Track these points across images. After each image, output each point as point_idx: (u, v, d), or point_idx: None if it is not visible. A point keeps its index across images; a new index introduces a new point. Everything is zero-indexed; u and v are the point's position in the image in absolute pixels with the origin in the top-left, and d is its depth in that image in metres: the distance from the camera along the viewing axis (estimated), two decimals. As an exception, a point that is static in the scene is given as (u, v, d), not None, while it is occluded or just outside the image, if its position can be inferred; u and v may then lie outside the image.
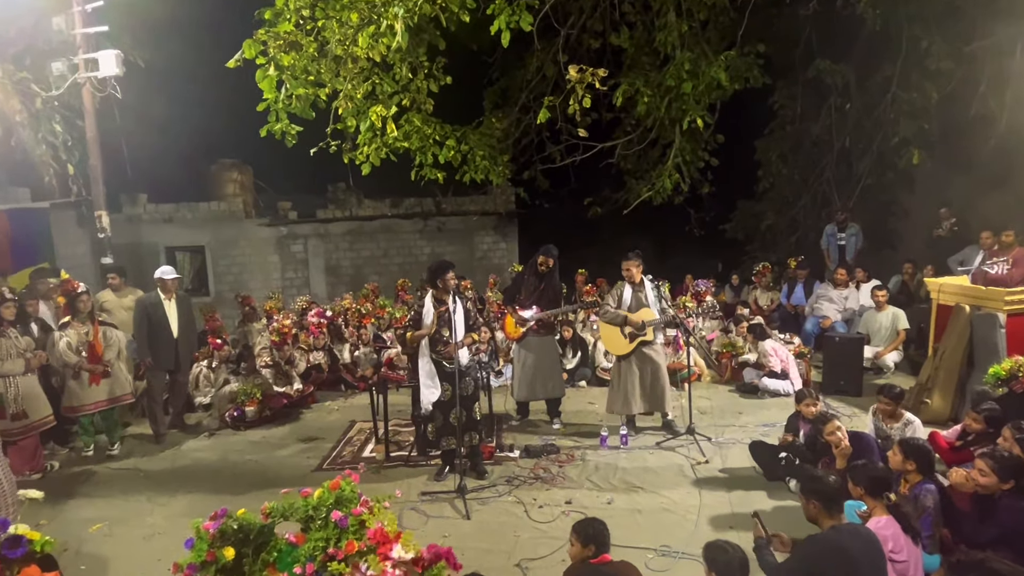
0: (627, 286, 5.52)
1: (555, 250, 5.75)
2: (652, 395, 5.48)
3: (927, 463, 3.46)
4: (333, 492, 2.25)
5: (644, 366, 5.48)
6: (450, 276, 4.64)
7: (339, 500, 2.24)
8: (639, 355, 5.48)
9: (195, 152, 12.45)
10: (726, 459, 5.02)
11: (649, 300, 5.45)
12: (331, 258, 12.86)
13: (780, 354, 6.76)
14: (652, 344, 5.47)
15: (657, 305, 5.42)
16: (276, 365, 7.08)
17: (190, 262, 12.28)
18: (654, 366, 5.47)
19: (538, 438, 5.62)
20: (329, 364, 7.85)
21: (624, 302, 5.52)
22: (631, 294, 5.50)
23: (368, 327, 8.17)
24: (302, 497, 2.27)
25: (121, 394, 5.75)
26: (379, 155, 7.06)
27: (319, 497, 2.24)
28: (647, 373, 5.48)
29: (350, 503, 2.25)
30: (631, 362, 5.50)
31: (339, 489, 2.27)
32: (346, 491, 2.27)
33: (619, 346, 5.55)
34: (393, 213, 13.16)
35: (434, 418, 4.75)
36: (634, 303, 5.49)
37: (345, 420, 6.48)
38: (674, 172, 9.20)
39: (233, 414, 6.29)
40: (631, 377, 5.49)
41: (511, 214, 13.60)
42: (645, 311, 5.43)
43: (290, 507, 2.24)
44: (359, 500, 2.27)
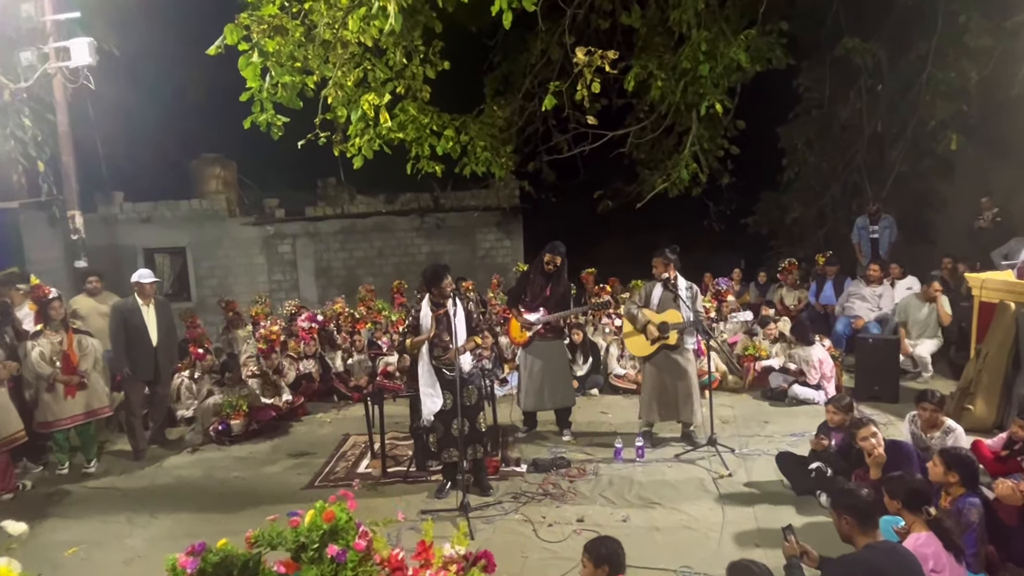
0: (658, 284, 5.52)
1: (563, 247, 5.76)
2: (675, 403, 5.48)
3: (971, 474, 3.44)
4: (327, 523, 2.21)
5: (665, 371, 5.48)
6: (447, 283, 4.65)
7: (334, 531, 2.20)
8: (662, 359, 5.49)
9: (174, 147, 12.52)
10: (751, 472, 5.00)
11: (680, 302, 5.44)
12: (321, 259, 12.91)
13: (825, 367, 6.60)
14: (677, 349, 5.46)
15: (688, 308, 5.41)
16: (263, 375, 7.10)
17: (170, 265, 12.34)
18: (677, 372, 5.46)
19: (547, 451, 5.62)
20: (320, 373, 7.87)
21: (652, 301, 5.53)
22: (660, 293, 5.50)
23: (362, 332, 8.18)
24: (291, 527, 2.23)
25: (99, 407, 5.79)
26: (372, 147, 7.07)
27: (310, 523, 2.22)
28: (669, 380, 5.47)
29: (347, 534, 2.22)
30: (654, 366, 5.53)
31: (334, 519, 2.23)
32: (342, 520, 2.23)
33: (640, 348, 5.57)
34: (388, 210, 13.19)
35: (435, 430, 4.75)
36: (663, 303, 5.49)
37: (338, 433, 6.50)
38: (691, 162, 9.18)
39: (218, 428, 6.31)
40: (652, 382, 5.50)
41: (515, 209, 13.60)
42: (671, 313, 5.43)
43: (278, 535, 2.21)
44: (357, 531, 2.24)
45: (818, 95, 10.87)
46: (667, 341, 5.43)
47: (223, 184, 12.70)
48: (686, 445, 5.54)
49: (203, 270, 12.29)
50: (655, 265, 5.49)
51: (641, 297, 5.62)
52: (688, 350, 5.52)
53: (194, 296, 12.21)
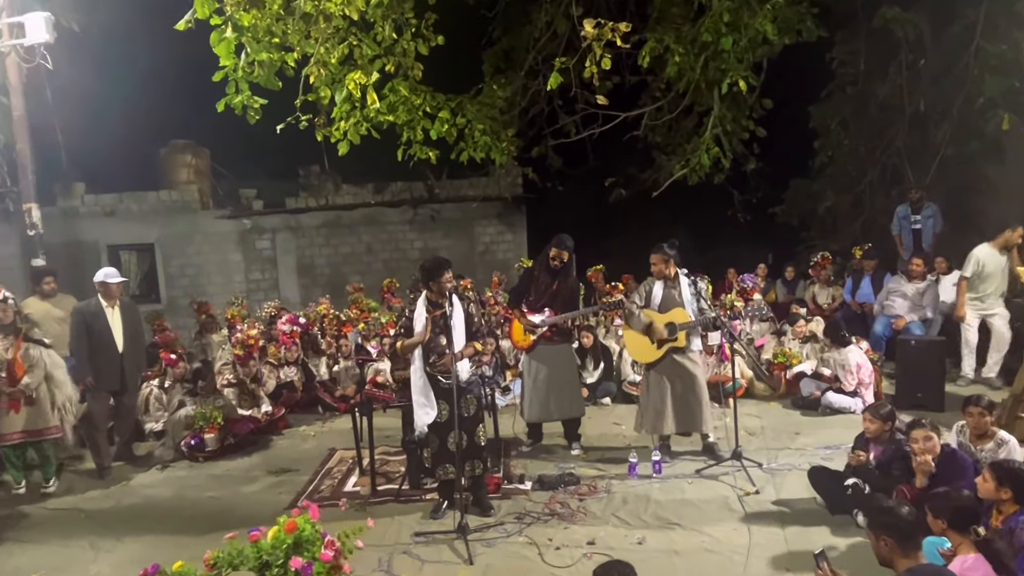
0: (657, 282, 5.52)
1: (571, 241, 5.76)
2: (686, 412, 5.47)
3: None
4: (290, 534, 2.22)
5: (675, 377, 5.48)
6: (446, 277, 4.64)
7: (298, 543, 2.21)
8: (669, 364, 5.48)
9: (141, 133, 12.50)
10: (780, 488, 5.00)
11: (684, 299, 5.44)
12: (304, 255, 12.93)
13: (864, 372, 6.59)
14: (686, 352, 5.46)
15: (694, 305, 5.40)
16: (240, 384, 7.11)
17: (137, 263, 12.37)
18: (688, 378, 5.46)
19: (554, 466, 5.62)
20: (303, 382, 7.89)
21: (653, 300, 5.52)
22: (662, 291, 5.50)
23: (349, 336, 8.20)
24: (252, 542, 2.24)
25: (43, 427, 5.69)
26: (359, 131, 7.08)
27: (273, 540, 2.22)
28: (679, 386, 5.47)
29: (312, 546, 2.23)
30: (661, 372, 5.50)
31: (297, 530, 2.24)
32: (306, 531, 2.24)
33: (645, 352, 5.55)
34: (377, 201, 13.21)
35: (429, 444, 4.75)
36: (665, 302, 5.49)
37: (323, 448, 6.51)
38: (713, 145, 9.16)
39: (190, 443, 6.33)
40: (661, 390, 5.49)
41: (518, 199, 13.61)
42: (677, 312, 5.43)
43: (239, 554, 2.22)
44: (323, 541, 2.25)
45: (853, 71, 10.83)
46: (675, 343, 5.42)
47: (195, 174, 12.73)
48: (708, 459, 5.53)
49: (173, 268, 12.32)
50: (654, 262, 5.50)
51: (641, 297, 5.61)
52: (695, 351, 5.53)
53: (164, 297, 12.24)
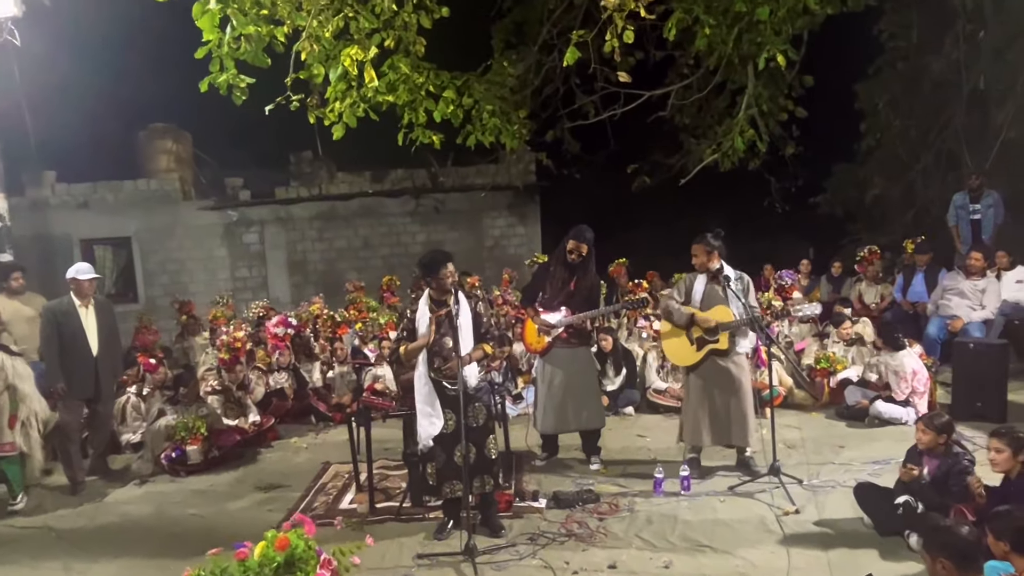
0: (700, 277, 5.51)
1: (590, 233, 5.74)
2: (727, 423, 5.46)
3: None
4: (281, 551, 2.22)
5: (714, 383, 5.46)
6: (447, 272, 4.64)
7: (290, 562, 2.22)
8: (709, 368, 5.46)
9: (117, 116, 12.61)
10: (823, 508, 4.97)
11: (728, 297, 5.42)
12: (295, 250, 13.00)
13: (919, 379, 6.53)
14: (728, 355, 5.44)
15: (738, 303, 5.38)
16: (226, 391, 7.15)
17: (112, 258, 12.48)
18: (729, 383, 5.43)
19: (571, 482, 5.61)
20: (295, 389, 7.92)
21: (694, 297, 5.51)
22: (704, 287, 5.49)
23: (345, 339, 8.22)
24: (238, 560, 2.24)
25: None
26: (355, 113, 7.10)
27: (261, 555, 2.22)
28: (718, 393, 5.46)
29: (306, 565, 2.23)
30: (700, 376, 5.50)
31: (289, 547, 2.24)
32: (299, 548, 2.25)
33: (683, 354, 5.55)
34: (375, 190, 13.25)
35: (434, 457, 4.76)
36: (708, 299, 5.47)
37: (316, 461, 6.53)
38: (747, 127, 9.13)
39: (171, 455, 6.37)
40: (699, 397, 5.49)
41: (531, 188, 13.62)
42: (720, 309, 5.41)
43: (222, 573, 2.22)
44: (318, 560, 2.25)
45: (904, 44, 10.77)
46: (716, 345, 5.40)
47: (176, 161, 12.82)
48: (742, 475, 5.51)
49: (152, 265, 12.42)
50: (695, 253, 5.48)
51: (681, 292, 5.60)
52: (741, 355, 5.49)
53: (142, 296, 12.35)
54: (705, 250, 5.43)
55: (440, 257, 4.70)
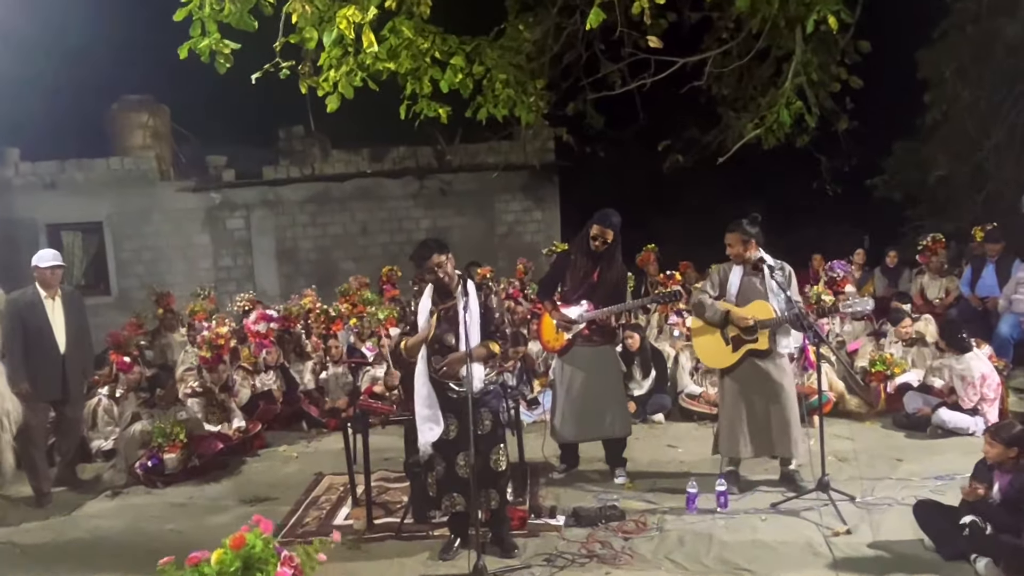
0: (735, 267, 5.48)
1: (616, 217, 5.72)
2: (769, 432, 5.44)
3: None
4: (237, 552, 2.24)
5: (753, 387, 5.44)
6: (434, 263, 4.63)
7: (248, 564, 2.23)
8: (748, 370, 5.44)
9: (87, 87, 12.71)
10: (878, 528, 4.94)
11: (767, 289, 5.40)
12: (285, 237, 13.05)
13: (988, 385, 6.47)
14: (769, 356, 5.41)
15: (780, 297, 5.36)
16: (207, 393, 7.19)
17: (82, 246, 12.57)
18: (771, 388, 5.41)
19: (592, 497, 5.62)
20: (284, 391, 7.96)
21: (729, 290, 5.48)
22: (740, 279, 5.46)
23: (340, 336, 8.25)
24: (189, 566, 2.26)
25: None
26: (352, 82, 7.08)
27: (218, 561, 2.24)
28: (758, 398, 5.43)
29: (266, 565, 2.25)
30: (737, 380, 5.48)
31: (246, 546, 2.26)
32: (257, 548, 2.27)
33: (717, 355, 5.53)
34: (375, 170, 13.28)
35: (434, 467, 4.77)
36: (744, 292, 5.45)
37: (308, 472, 6.56)
38: (794, 99, 9.04)
39: (146, 464, 6.42)
40: (737, 403, 5.47)
41: (549, 168, 13.59)
42: (759, 305, 5.37)
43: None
44: (278, 559, 2.27)
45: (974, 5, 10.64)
46: (755, 345, 5.37)
47: (152, 137, 12.89)
48: (786, 491, 5.49)
49: (126, 253, 12.50)
50: (730, 242, 5.44)
51: (714, 285, 5.56)
52: (783, 356, 5.47)
53: (114, 287, 12.43)
54: (741, 238, 5.40)
55: (430, 247, 4.69)
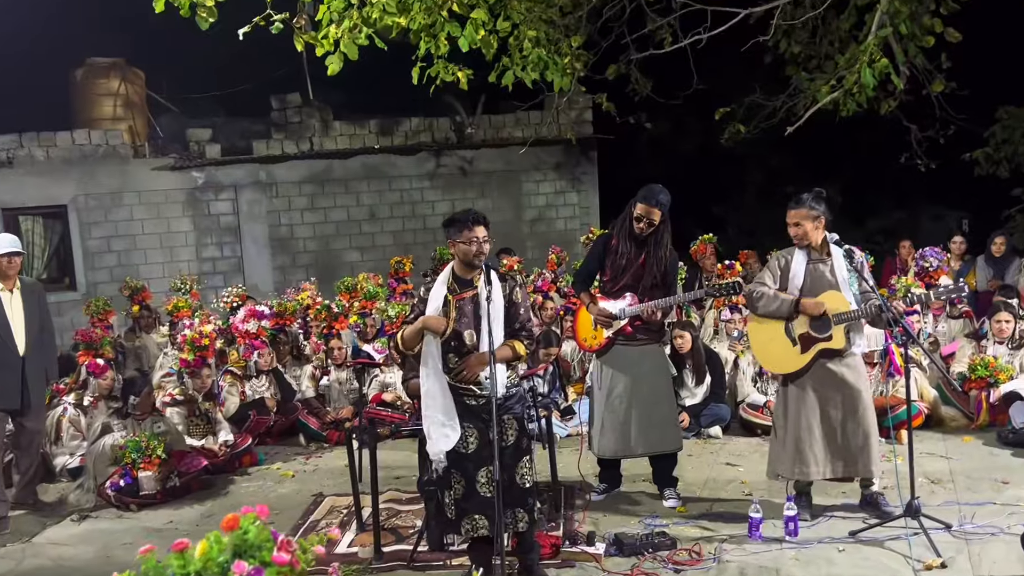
0: (798, 253, 5.44)
1: (664, 195, 5.70)
2: (845, 448, 5.40)
3: None
4: (228, 535, 2.28)
5: (827, 395, 5.40)
6: (474, 236, 4.64)
7: (241, 550, 2.26)
8: (819, 375, 5.40)
9: (49, 49, 12.83)
10: (979, 561, 4.90)
11: (839, 279, 5.36)
12: (279, 223, 13.13)
13: None
14: (844, 356, 5.38)
15: (854, 288, 5.32)
16: (189, 402, 7.26)
17: (44, 233, 12.68)
18: (848, 395, 5.38)
19: (637, 522, 5.63)
20: (279, 400, 8.02)
21: (792, 280, 5.44)
22: (805, 266, 5.42)
23: (344, 336, 8.30)
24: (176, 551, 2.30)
25: None
26: (356, 41, 7.12)
27: (205, 551, 2.27)
28: (832, 407, 5.40)
29: (260, 551, 2.28)
30: (805, 387, 5.43)
31: (239, 531, 2.29)
32: (250, 533, 2.29)
33: (782, 358, 5.48)
34: (384, 145, 13.32)
35: (451, 483, 4.77)
36: (811, 282, 5.41)
37: (306, 493, 6.63)
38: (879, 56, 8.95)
39: (118, 484, 6.49)
40: (807, 414, 5.42)
41: (586, 142, 13.58)
42: (832, 296, 5.33)
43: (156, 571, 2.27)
44: (275, 543, 2.30)
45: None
46: (829, 344, 5.33)
47: (124, 106, 13.01)
48: (868, 517, 5.47)
49: (95, 242, 12.61)
50: (794, 221, 5.37)
51: (774, 275, 5.51)
52: (857, 356, 5.43)
53: (81, 281, 12.55)
54: (809, 214, 5.35)
55: (472, 216, 4.70)
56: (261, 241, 13.05)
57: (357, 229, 13.33)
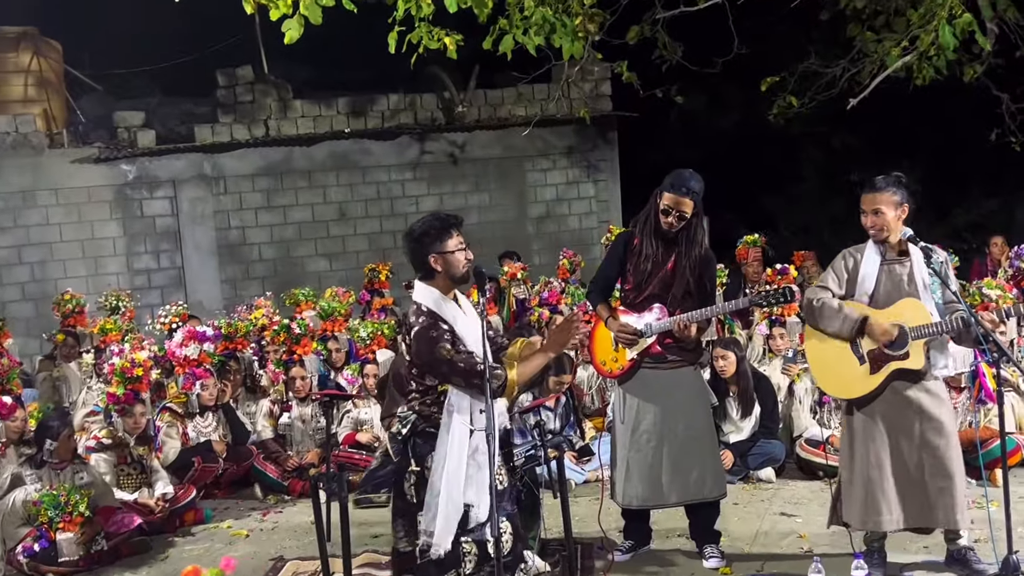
0: (870, 251, 5.43)
1: (697, 181, 5.65)
2: (922, 491, 5.38)
3: None
4: None
5: (903, 426, 5.38)
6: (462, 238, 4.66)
7: None
8: (893, 401, 5.37)
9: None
10: (1092, 631, 4.89)
11: (919, 284, 5.35)
12: (228, 225, 13.11)
13: None
14: (923, 380, 5.37)
15: (936, 295, 5.31)
16: (119, 446, 7.23)
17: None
18: (927, 426, 5.35)
19: (672, 589, 5.61)
20: (229, 443, 7.99)
21: (860, 285, 5.42)
22: (877, 267, 5.40)
23: (308, 362, 8.29)
24: None
25: None
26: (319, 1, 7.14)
27: None
28: (910, 441, 5.38)
29: None
30: (875, 416, 5.41)
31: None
32: None
33: (846, 380, 5.46)
34: (355, 129, 13.33)
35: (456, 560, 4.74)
36: (885, 288, 5.40)
37: (263, 557, 6.62)
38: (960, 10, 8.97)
39: (32, 549, 6.46)
40: (874, 449, 5.41)
41: (604, 121, 13.61)
42: (909, 305, 5.31)
43: None
44: None
45: None
46: (905, 363, 5.31)
47: (36, 86, 13.01)
48: (955, 573, 5.45)
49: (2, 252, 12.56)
50: (875, 206, 5.30)
51: (839, 278, 5.48)
52: (938, 381, 5.40)
53: (-12, 300, 12.56)
54: (892, 200, 5.33)
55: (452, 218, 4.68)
56: (206, 248, 13.05)
57: (324, 232, 13.34)
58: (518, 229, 13.34)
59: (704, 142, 13.05)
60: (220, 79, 13.16)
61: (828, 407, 7.42)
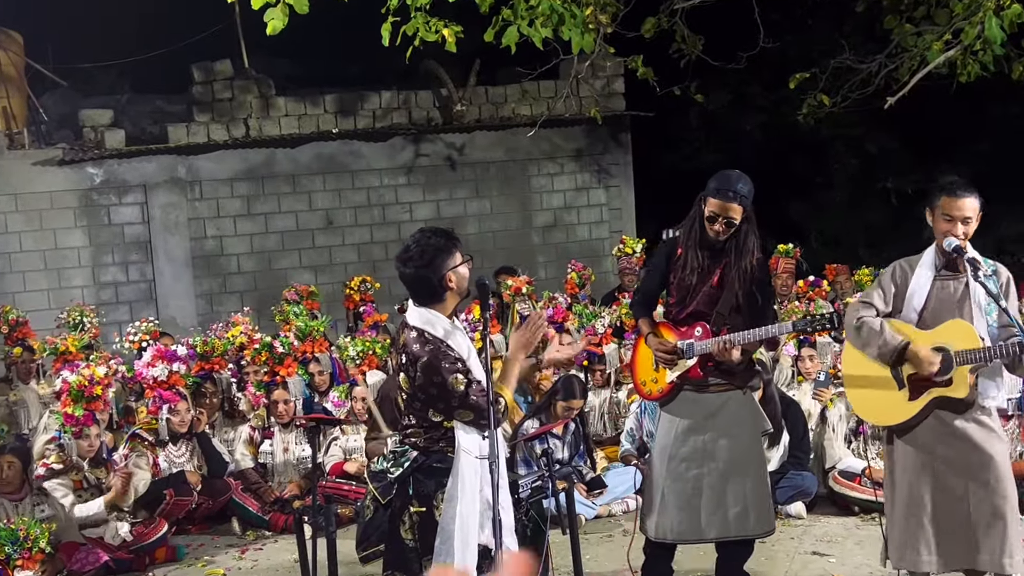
0: (923, 265, 5.41)
1: (745, 183, 5.58)
2: (966, 529, 5.36)
3: None
4: None
5: (946, 457, 5.36)
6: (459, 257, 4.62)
7: None
8: (935, 429, 5.36)
9: None
10: None
11: (973, 303, 5.33)
12: (204, 234, 13.10)
13: None
14: (969, 409, 5.34)
15: (992, 316, 5.30)
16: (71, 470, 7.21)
17: None
18: (974, 459, 5.33)
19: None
20: (205, 473, 7.96)
21: (909, 302, 5.41)
22: (930, 283, 5.39)
23: (291, 385, 8.28)
24: None
25: None
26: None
27: None
28: (954, 475, 5.36)
29: None
30: (916, 445, 5.40)
31: None
32: None
33: (884, 405, 5.46)
34: (344, 129, 13.33)
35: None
36: (935, 306, 5.38)
37: (242, 599, 6.60)
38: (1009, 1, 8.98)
39: (-11, 589, 6.46)
40: (915, 482, 5.39)
41: (617, 122, 13.63)
42: (955, 326, 5.29)
43: None
44: None
45: None
46: (948, 391, 5.28)
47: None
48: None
49: (-44, 261, 12.60)
50: (956, 215, 5.24)
51: (886, 293, 5.48)
52: (990, 410, 5.38)
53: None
54: (977, 207, 5.30)
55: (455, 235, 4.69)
56: (180, 259, 13.03)
57: (309, 241, 13.33)
58: (522, 239, 13.31)
59: (726, 145, 13.05)
60: (196, 74, 13.11)
61: (865, 436, 7.41)
